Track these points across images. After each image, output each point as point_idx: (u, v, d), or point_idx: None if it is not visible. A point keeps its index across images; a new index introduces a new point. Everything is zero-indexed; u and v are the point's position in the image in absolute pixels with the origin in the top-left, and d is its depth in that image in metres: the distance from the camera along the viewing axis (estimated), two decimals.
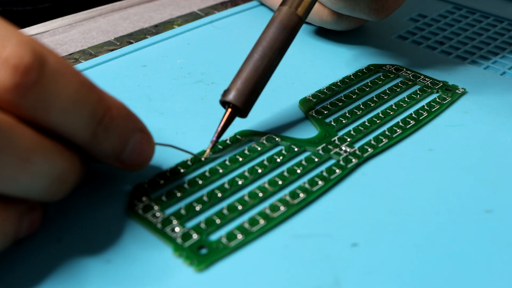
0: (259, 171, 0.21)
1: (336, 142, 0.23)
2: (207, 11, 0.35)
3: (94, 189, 0.20)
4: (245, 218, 0.19)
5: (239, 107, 0.22)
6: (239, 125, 0.23)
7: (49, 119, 0.16)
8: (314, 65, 0.29)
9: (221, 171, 0.21)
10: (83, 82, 0.17)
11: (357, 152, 0.22)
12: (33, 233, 0.18)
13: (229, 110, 0.22)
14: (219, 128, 0.22)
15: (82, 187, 0.20)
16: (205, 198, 0.20)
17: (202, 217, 0.19)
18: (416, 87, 0.27)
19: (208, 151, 0.22)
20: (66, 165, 0.17)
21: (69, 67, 0.17)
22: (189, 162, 0.21)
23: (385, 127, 0.24)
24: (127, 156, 0.19)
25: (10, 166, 0.15)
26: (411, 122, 0.24)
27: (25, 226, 0.17)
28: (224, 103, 0.22)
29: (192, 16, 0.34)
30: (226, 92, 0.22)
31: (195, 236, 0.18)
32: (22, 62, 0.16)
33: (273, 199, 0.20)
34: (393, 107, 0.25)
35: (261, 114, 0.24)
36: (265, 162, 0.21)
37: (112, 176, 0.21)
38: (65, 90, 0.16)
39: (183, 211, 0.19)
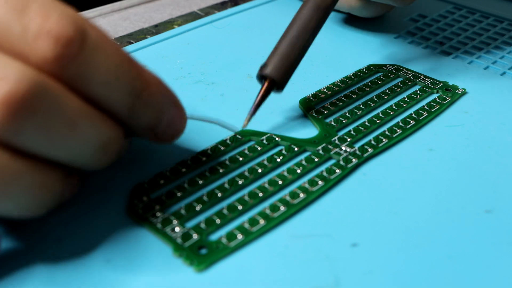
0: (259, 171, 0.21)
1: (336, 142, 0.23)
2: (207, 11, 0.35)
3: (94, 189, 0.20)
4: (245, 218, 0.19)
5: (276, 80, 0.22)
6: (239, 124, 0.23)
7: (89, 91, 0.17)
8: (314, 65, 0.29)
9: (221, 171, 0.21)
10: (123, 56, 0.17)
11: (357, 152, 0.22)
12: (68, 199, 0.18)
13: (266, 83, 0.22)
14: (257, 101, 0.22)
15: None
16: (205, 198, 0.20)
17: (202, 217, 0.19)
18: (416, 87, 0.27)
19: (246, 122, 0.23)
20: (110, 134, 0.17)
21: (110, 42, 0.17)
22: (189, 162, 0.21)
23: (385, 127, 0.24)
24: (161, 129, 0.19)
25: (59, 130, 0.16)
26: (411, 122, 0.24)
27: (68, 189, 0.18)
28: (261, 78, 0.23)
29: (192, 16, 0.34)
30: (263, 67, 0.23)
31: (195, 236, 0.18)
32: (64, 34, 0.16)
33: (273, 199, 0.20)
34: (393, 107, 0.25)
35: (261, 114, 0.24)
36: (265, 162, 0.21)
37: (112, 176, 0.21)
38: (105, 63, 0.17)
39: (183, 211, 0.19)
